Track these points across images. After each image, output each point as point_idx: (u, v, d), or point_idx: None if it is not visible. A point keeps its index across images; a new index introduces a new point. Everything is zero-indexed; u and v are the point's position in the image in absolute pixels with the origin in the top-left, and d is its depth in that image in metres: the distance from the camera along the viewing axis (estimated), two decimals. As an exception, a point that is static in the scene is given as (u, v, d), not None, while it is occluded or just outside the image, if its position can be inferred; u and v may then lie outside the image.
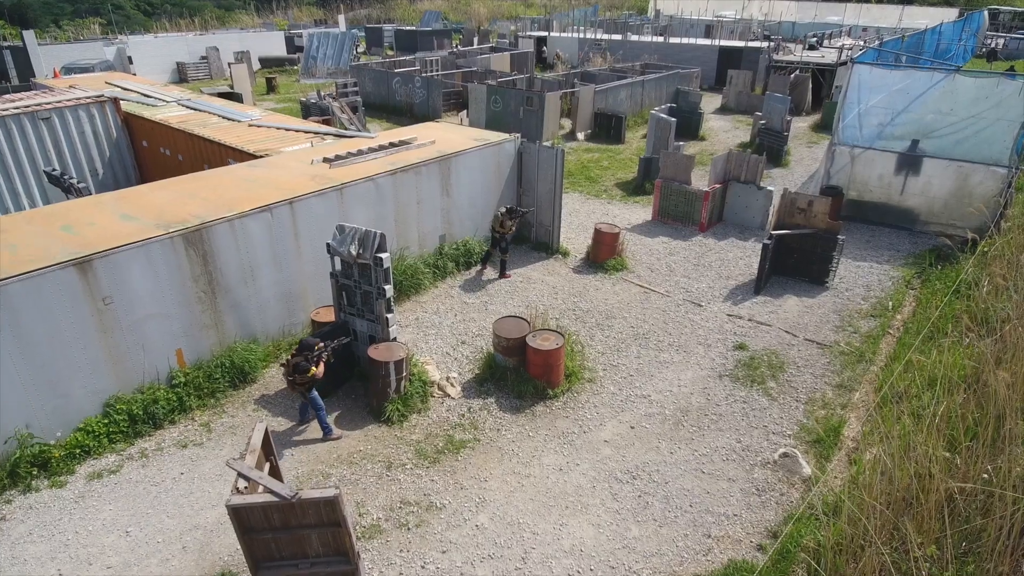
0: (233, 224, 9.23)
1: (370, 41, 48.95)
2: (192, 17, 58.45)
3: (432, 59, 27.77)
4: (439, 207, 12.54)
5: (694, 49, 34.16)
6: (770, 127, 21.20)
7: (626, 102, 25.06)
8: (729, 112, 28.47)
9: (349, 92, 23.34)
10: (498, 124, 23.11)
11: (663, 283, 12.99)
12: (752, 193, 15.36)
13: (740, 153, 15.52)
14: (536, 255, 14.18)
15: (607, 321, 11.52)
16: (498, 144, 13.34)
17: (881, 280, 13.04)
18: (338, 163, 11.40)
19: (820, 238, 12.49)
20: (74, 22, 51.65)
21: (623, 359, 10.40)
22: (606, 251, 13.53)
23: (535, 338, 9.38)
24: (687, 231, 15.52)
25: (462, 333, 11.13)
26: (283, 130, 13.85)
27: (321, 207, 10.31)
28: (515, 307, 12.00)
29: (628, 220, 16.27)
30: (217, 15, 64.90)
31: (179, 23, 58.42)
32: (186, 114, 15.06)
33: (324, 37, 34.84)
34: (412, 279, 12.09)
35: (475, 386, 9.73)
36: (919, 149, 14.82)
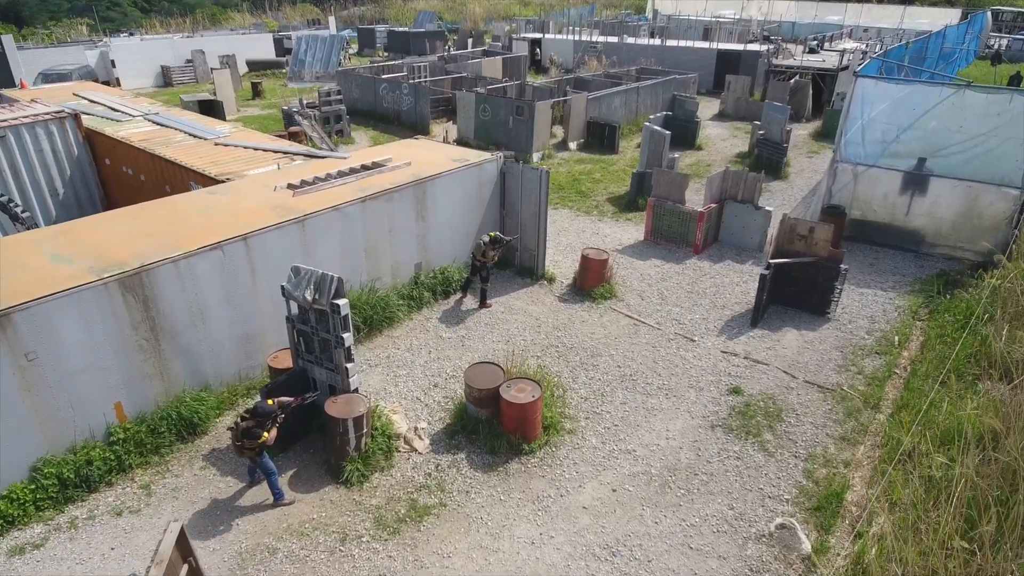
0: (178, 265, 8.43)
1: (362, 42, 48.04)
2: (184, 16, 57.53)
3: (420, 64, 26.90)
4: (414, 234, 11.73)
5: (691, 52, 33.29)
6: (769, 138, 20.37)
7: (620, 110, 24.22)
8: (727, 119, 27.63)
9: (332, 100, 22.50)
10: (487, 134, 22.31)
11: (654, 313, 12.18)
12: (750, 213, 14.54)
13: (737, 171, 14.70)
14: (520, 281, 13.38)
15: (592, 360, 10.72)
16: (479, 164, 12.52)
17: (886, 310, 12.23)
18: (302, 190, 10.59)
19: (822, 267, 11.69)
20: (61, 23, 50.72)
21: (608, 405, 9.60)
22: (593, 278, 12.72)
23: (509, 388, 8.58)
24: (681, 253, 14.70)
25: (435, 374, 10.33)
26: (251, 149, 13.02)
27: (280, 241, 9.50)
28: (494, 341, 11.20)
29: (619, 240, 15.46)
30: (212, 12, 64.04)
31: (170, 23, 57.56)
32: (151, 130, 14.24)
33: (312, 40, 33.96)
34: (384, 312, 11.29)
35: (445, 439, 8.93)
36: (926, 168, 13.99)
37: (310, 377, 8.84)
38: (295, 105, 22.90)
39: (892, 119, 14.15)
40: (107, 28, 51.02)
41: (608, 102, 23.59)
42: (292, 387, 8.58)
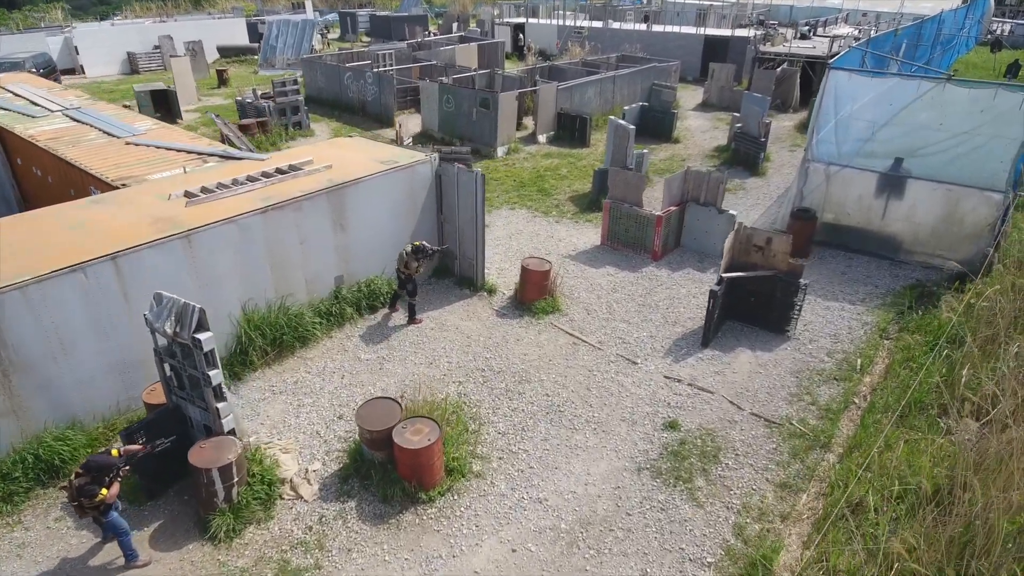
0: (27, 291, 7.43)
1: (344, 27, 46.65)
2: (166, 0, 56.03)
3: (385, 52, 25.66)
4: (332, 245, 10.69)
5: (678, 38, 31.93)
6: (746, 131, 19.18)
7: (595, 100, 23.02)
8: (711, 109, 26.38)
9: (288, 91, 21.35)
10: (451, 126, 21.19)
11: (598, 331, 11.15)
12: (712, 217, 13.44)
13: (699, 171, 13.58)
14: (458, 292, 12.35)
15: (519, 386, 9.70)
16: (409, 167, 11.45)
17: (852, 327, 11.17)
18: (199, 199, 9.55)
19: (780, 282, 10.63)
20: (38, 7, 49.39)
21: (527, 443, 8.61)
22: (533, 291, 11.68)
23: (404, 430, 7.59)
24: (638, 260, 13.63)
25: (344, 403, 9.34)
26: (163, 150, 11.96)
27: (160, 260, 8.49)
28: (416, 364, 10.20)
29: (574, 245, 14.39)
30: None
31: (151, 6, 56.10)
32: (63, 128, 13.18)
33: (284, 25, 32.69)
34: (296, 332, 10.29)
35: (337, 483, 7.96)
36: (903, 169, 12.86)
37: (187, 416, 7.88)
38: (249, 96, 21.78)
39: (868, 115, 12.99)
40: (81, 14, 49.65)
41: (581, 92, 22.39)
42: (163, 426, 7.61)
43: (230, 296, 9.45)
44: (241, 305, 9.64)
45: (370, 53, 26.58)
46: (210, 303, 9.12)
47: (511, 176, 18.65)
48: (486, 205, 16.40)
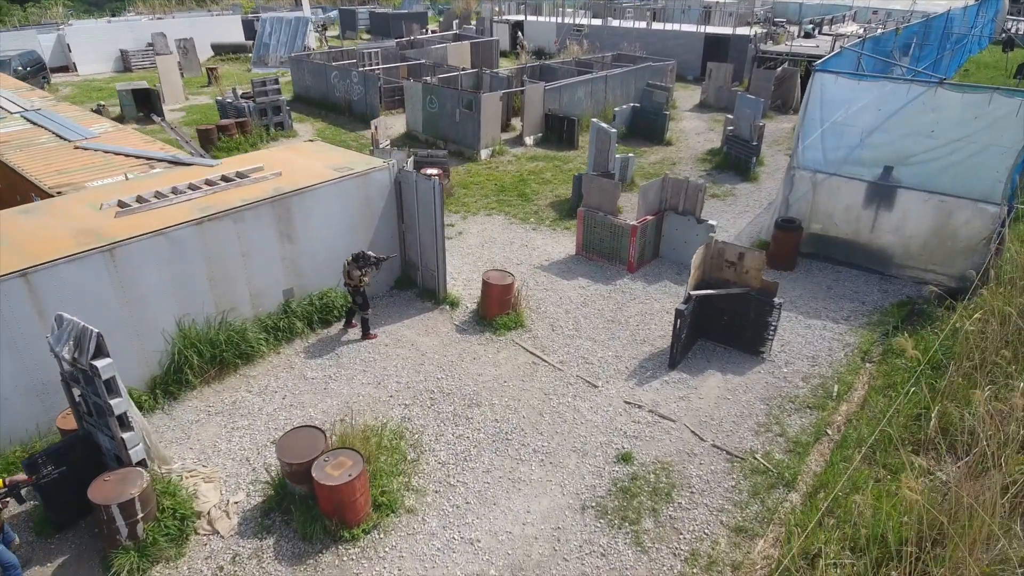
0: (-77, 310, 6.94)
1: (344, 24, 46.17)
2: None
3: (371, 51, 25.09)
4: (278, 256, 10.15)
5: (678, 37, 31.13)
6: (738, 134, 18.45)
7: (585, 101, 22.34)
8: (708, 110, 25.61)
9: (269, 90, 20.86)
10: (435, 127, 20.62)
11: (561, 349, 10.54)
12: (691, 227, 12.77)
13: (677, 178, 12.91)
14: (420, 305, 11.78)
15: (468, 411, 9.12)
16: (364, 174, 10.89)
17: (832, 348, 10.48)
18: (131, 209, 9.04)
19: (753, 300, 9.96)
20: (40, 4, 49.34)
21: (467, 474, 8.02)
22: (495, 306, 11.09)
23: (325, 464, 7.02)
24: (613, 271, 13.00)
25: (280, 426, 8.80)
26: (111, 155, 11.48)
27: (80, 275, 7.98)
28: (363, 384, 9.65)
29: (548, 255, 13.77)
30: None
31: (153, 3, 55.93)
32: (18, 131, 12.76)
33: (277, 22, 32.23)
34: (238, 348, 9.76)
35: (259, 517, 7.42)
36: (893, 178, 12.12)
37: (99, 444, 7.37)
38: (229, 96, 21.32)
39: (857, 121, 12.25)
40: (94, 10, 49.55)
41: (571, 93, 21.71)
42: (71, 455, 7.12)
43: (162, 312, 8.93)
44: (176, 321, 9.13)
45: (356, 52, 26.04)
46: (139, 320, 8.71)
47: (492, 180, 18.05)
48: (463, 211, 16.00)
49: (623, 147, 20.71)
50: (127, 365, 8.80)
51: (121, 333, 8.57)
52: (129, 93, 22.51)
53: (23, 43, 29.47)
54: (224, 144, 19.42)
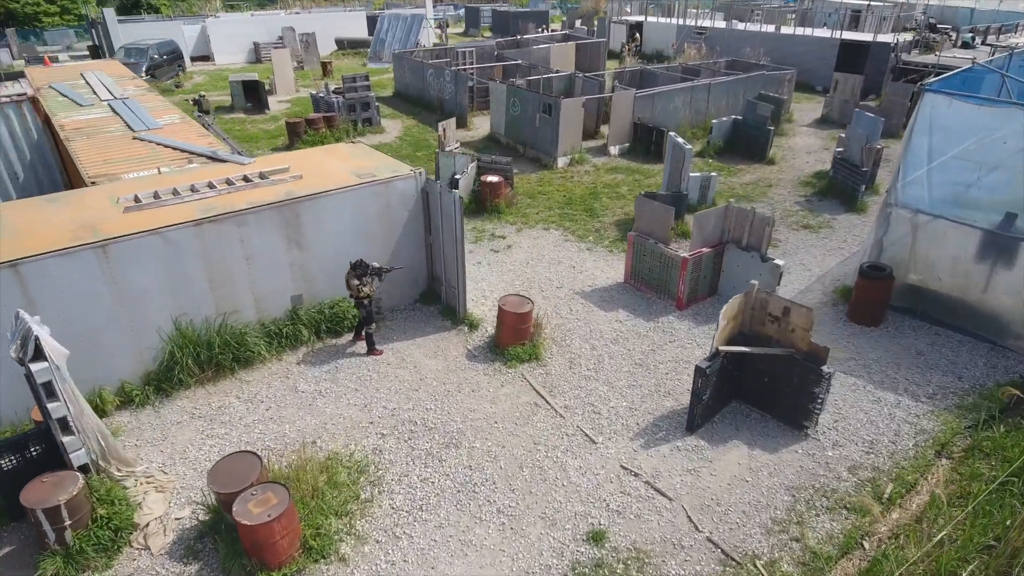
0: (-87, 293, 7.24)
1: (468, 21, 46.62)
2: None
3: (466, 49, 24.72)
4: (286, 262, 9.88)
5: (808, 43, 28.17)
6: (848, 157, 16.09)
7: (682, 111, 20.62)
8: (829, 125, 22.84)
9: (359, 86, 21.12)
10: (516, 131, 19.91)
11: (571, 392, 9.45)
12: (754, 265, 11.11)
13: (742, 208, 11.27)
14: (438, 323, 11.13)
15: (444, 451, 8.32)
16: (386, 183, 10.38)
17: (900, 433, 8.57)
18: (137, 207, 9.10)
19: (797, 364, 8.33)
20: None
21: (418, 527, 7.23)
22: (508, 334, 10.18)
23: (248, 500, 6.52)
24: (660, 306, 11.63)
25: (253, 440, 8.49)
26: (160, 147, 11.81)
27: (69, 270, 8.06)
28: (348, 405, 9.14)
29: (594, 280, 12.61)
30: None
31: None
32: (96, 118, 13.56)
33: (394, 19, 32.96)
34: (237, 351, 9.61)
35: (192, 539, 7.09)
36: (1016, 228, 9.78)
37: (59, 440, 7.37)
38: (322, 91, 21.85)
39: (974, 155, 10.01)
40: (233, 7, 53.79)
41: (666, 101, 20.11)
42: (30, 447, 7.17)
43: (158, 310, 8.91)
44: (173, 320, 9.09)
45: (452, 50, 25.86)
46: (133, 316, 8.74)
47: (562, 191, 17.04)
48: (520, 222, 15.15)
49: (716, 164, 18.93)
50: (121, 360, 8.92)
51: (114, 328, 8.65)
52: (239, 84, 23.79)
53: (168, 33, 32.29)
54: (308, 138, 19.89)
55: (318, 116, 20.39)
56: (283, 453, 8.13)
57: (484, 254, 13.72)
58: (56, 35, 44.04)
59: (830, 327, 11.00)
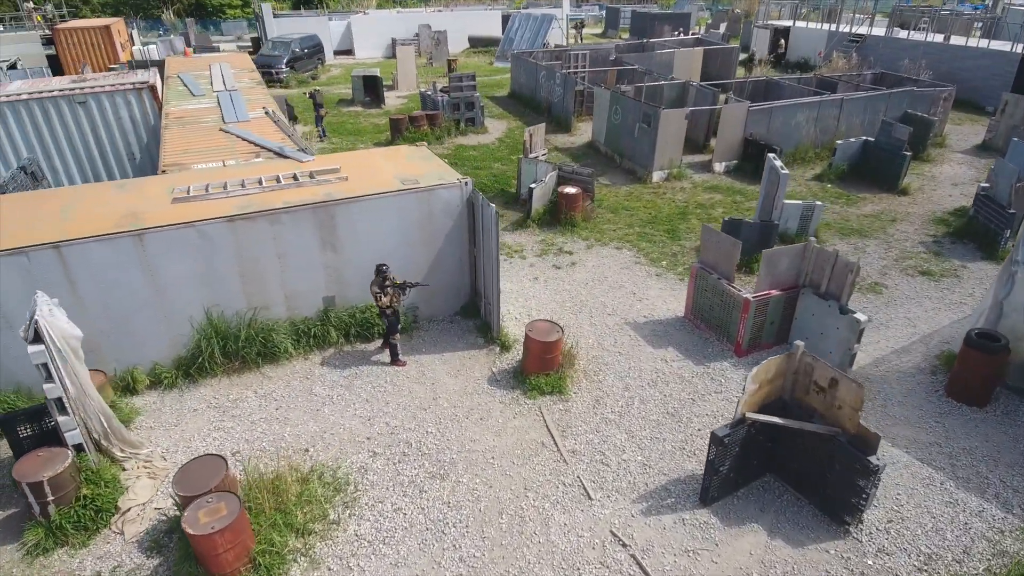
0: (-30, 265, 7.99)
1: (608, 22, 45.56)
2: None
3: (579, 52, 23.84)
4: (319, 264, 9.90)
5: (981, 56, 24.31)
6: (993, 195, 13.53)
7: (806, 129, 18.52)
8: (989, 153, 19.50)
9: (464, 86, 21.14)
10: (616, 140, 18.97)
11: (585, 435, 8.63)
12: (831, 316, 9.56)
13: (823, 248, 9.71)
14: (472, 339, 10.71)
15: (428, 482, 7.87)
16: (429, 191, 10.10)
17: (971, 551, 6.89)
18: (186, 198, 9.50)
19: (840, 448, 6.95)
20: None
21: (374, 561, 6.84)
22: (533, 363, 9.52)
23: (200, 507, 6.48)
24: (716, 349, 10.39)
25: (253, 438, 8.57)
26: (238, 139, 12.37)
27: (109, 255, 8.54)
28: (353, 416, 8.98)
29: (652, 311, 11.56)
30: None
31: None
32: (200, 108, 14.54)
33: (524, 18, 32.84)
34: (263, 346, 9.80)
35: (161, 533, 7.21)
36: None
37: (71, 414, 7.84)
38: (431, 89, 22.14)
39: None
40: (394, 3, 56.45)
41: (786, 116, 18.15)
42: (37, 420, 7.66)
43: (190, 300, 9.26)
44: (205, 310, 9.42)
45: (564, 52, 25.13)
46: (166, 304, 9.17)
47: (650, 208, 15.90)
48: (594, 239, 14.29)
49: (834, 190, 16.84)
50: (154, 344, 9.38)
51: (148, 313, 9.10)
52: (360, 79, 24.79)
53: (316, 29, 34.50)
54: (409, 135, 20.22)
55: (421, 114, 20.68)
56: (275, 457, 8.12)
57: (545, 269, 13.08)
58: (231, 26, 48.82)
59: (920, 400, 9.21)
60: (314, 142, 20.88)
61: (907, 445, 8.37)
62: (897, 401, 9.22)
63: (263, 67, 29.12)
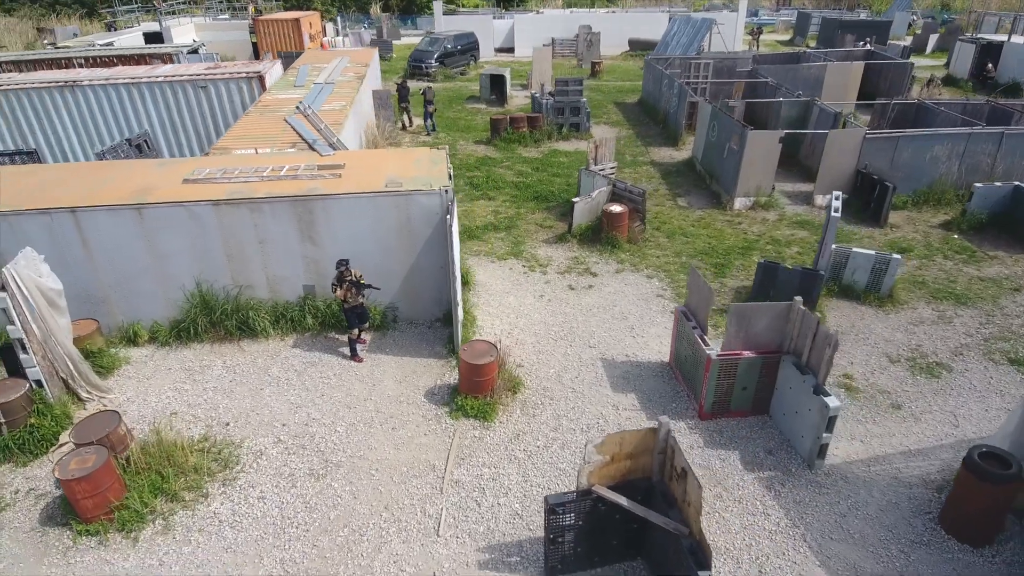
0: (8, 219, 9.70)
1: (798, 29, 41.49)
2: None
3: (701, 62, 21.78)
4: (299, 254, 10.48)
5: None
6: None
7: (944, 165, 15.41)
8: None
9: (570, 90, 20.70)
10: (709, 159, 17.51)
11: (479, 468, 8.21)
12: (806, 393, 8.02)
13: (807, 313, 8.11)
14: (437, 349, 10.64)
15: (304, 479, 8.03)
16: (406, 195, 10.19)
17: None
18: (195, 179, 10.60)
19: (680, 550, 5.87)
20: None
21: (207, 541, 7.21)
22: (463, 383, 9.28)
23: (75, 456, 7.30)
24: (683, 407, 9.25)
25: (192, 404, 9.39)
26: (289, 130, 13.41)
27: (112, 223, 9.85)
28: (288, 402, 9.42)
29: (639, 351, 10.57)
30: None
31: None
32: (287, 98, 15.93)
33: (684, 22, 31.04)
34: (242, 321, 10.65)
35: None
36: None
37: (53, 353, 9.25)
38: (539, 91, 21.98)
39: None
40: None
41: (918, 149, 15.24)
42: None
43: (183, 270, 10.35)
44: (195, 281, 10.48)
45: (679, 60, 23.26)
46: (163, 271, 10.41)
47: (712, 238, 14.38)
48: (630, 263, 13.36)
49: (959, 242, 14.07)
50: (153, 304, 10.66)
51: (148, 278, 10.36)
52: (488, 77, 25.38)
53: (479, 26, 35.85)
54: (508, 136, 20.37)
55: (522, 116, 20.70)
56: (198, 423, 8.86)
57: (557, 288, 12.50)
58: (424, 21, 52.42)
59: (896, 519, 7.41)
60: (420, 135, 21.89)
61: (839, 570, 6.79)
62: (865, 514, 7.49)
63: (416, 62, 31.08)
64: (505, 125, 20.60)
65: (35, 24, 45.54)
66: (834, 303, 11.78)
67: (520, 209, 16.13)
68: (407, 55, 34.18)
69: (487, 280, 12.79)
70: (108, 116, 16.85)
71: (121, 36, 29.71)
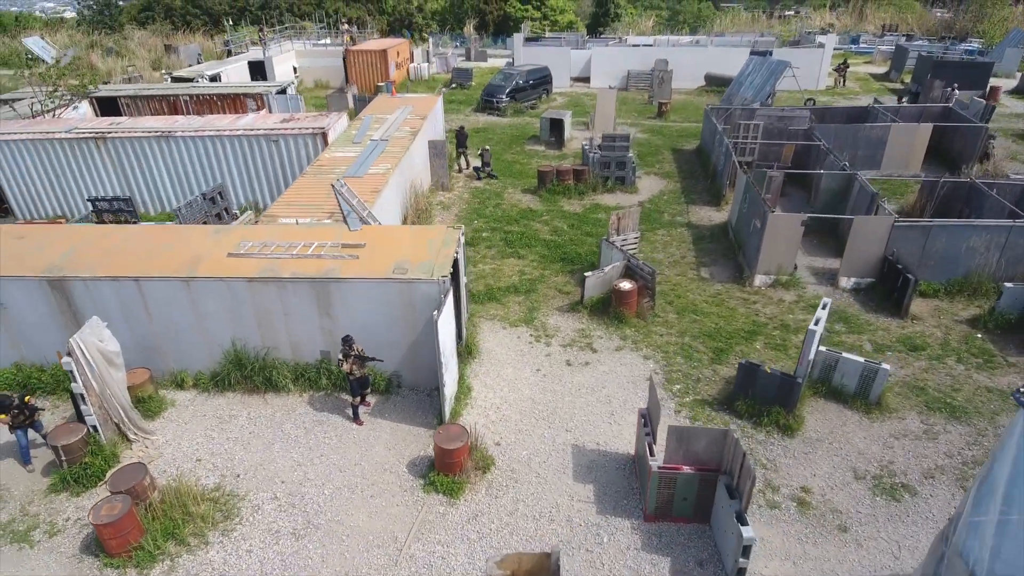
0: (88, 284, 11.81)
1: (895, 63, 39.40)
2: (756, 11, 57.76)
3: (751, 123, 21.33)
4: (317, 325, 12.02)
5: None
6: None
7: (982, 256, 14.90)
8: None
9: (617, 145, 21.29)
10: (740, 230, 17.75)
11: (433, 547, 9.36)
12: (729, 516, 8.58)
13: (739, 442, 8.62)
14: (429, 419, 11.82)
15: (286, 537, 9.48)
16: (409, 283, 11.47)
17: None
18: (238, 253, 12.33)
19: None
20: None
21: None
22: (437, 462, 10.41)
23: (106, 504, 9.09)
24: (632, 505, 9.98)
25: (216, 452, 11.10)
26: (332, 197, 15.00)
27: (166, 291, 11.75)
28: (295, 458, 10.93)
29: (612, 441, 11.30)
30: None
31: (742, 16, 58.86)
32: (342, 157, 17.64)
33: (759, 63, 30.50)
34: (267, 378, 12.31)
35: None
36: None
37: (111, 399, 11.25)
38: (587, 144, 22.68)
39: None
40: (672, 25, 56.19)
41: (952, 238, 14.84)
42: (98, 399, 11.20)
43: (221, 329, 12.15)
44: (231, 340, 12.26)
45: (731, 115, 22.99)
46: (205, 330, 12.21)
47: (722, 318, 14.74)
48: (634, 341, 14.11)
49: (982, 344, 13.78)
50: (197, 357, 12.54)
51: (193, 335, 12.23)
52: (548, 120, 26.33)
53: (557, 59, 36.74)
54: (553, 187, 21.29)
55: (568, 168, 21.52)
56: (214, 472, 10.55)
57: (555, 363, 13.37)
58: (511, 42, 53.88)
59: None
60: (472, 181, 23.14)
61: None
62: (770, 640, 8.01)
63: (488, 96, 32.45)
64: (552, 176, 21.51)
65: (164, 39, 50.83)
66: (820, 404, 11.97)
67: (545, 271, 17.04)
68: (487, 81, 35.63)
69: (493, 348, 13.84)
70: (196, 166, 19.33)
71: (228, 66, 32.97)
